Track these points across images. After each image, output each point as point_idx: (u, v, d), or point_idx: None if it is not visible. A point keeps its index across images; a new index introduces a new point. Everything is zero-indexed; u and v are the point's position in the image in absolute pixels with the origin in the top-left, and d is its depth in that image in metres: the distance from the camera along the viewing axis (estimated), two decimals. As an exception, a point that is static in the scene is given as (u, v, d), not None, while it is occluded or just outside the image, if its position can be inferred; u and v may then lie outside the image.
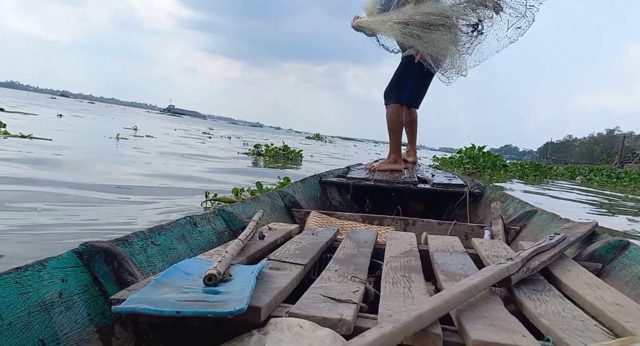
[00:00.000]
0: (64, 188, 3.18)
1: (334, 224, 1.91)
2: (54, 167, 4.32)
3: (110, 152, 6.74)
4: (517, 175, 13.49)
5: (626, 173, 18.55)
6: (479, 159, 12.54)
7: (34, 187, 3.11)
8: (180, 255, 1.19)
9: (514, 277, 0.94)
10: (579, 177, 17.53)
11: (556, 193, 8.63)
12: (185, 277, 0.90)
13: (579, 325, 0.76)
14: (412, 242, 1.41)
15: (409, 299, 0.87)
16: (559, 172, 18.30)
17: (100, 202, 2.93)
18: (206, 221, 1.42)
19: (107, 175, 4.21)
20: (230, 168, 6.23)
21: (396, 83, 3.31)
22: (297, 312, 0.76)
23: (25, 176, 3.50)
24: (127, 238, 1.06)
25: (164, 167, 5.47)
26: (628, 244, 1.19)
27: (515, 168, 14.80)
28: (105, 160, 5.56)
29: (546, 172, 16.29)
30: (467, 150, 13.36)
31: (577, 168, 24.35)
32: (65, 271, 0.86)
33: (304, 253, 1.19)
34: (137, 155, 6.62)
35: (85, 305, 0.86)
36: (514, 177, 12.82)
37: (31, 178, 3.43)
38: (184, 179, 4.54)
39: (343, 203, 2.79)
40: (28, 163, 4.25)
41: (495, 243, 1.42)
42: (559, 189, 10.11)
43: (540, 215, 1.80)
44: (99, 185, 3.51)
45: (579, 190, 10.54)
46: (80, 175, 4.00)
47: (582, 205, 6.75)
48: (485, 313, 0.79)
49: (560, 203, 6.57)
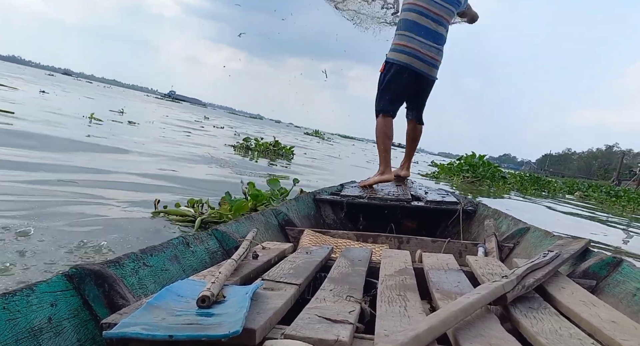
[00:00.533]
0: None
1: (328, 242, 1.90)
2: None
3: (69, 134, 5.95)
4: (516, 188, 13.19)
5: (625, 192, 18.46)
6: (478, 168, 12.36)
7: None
8: (173, 277, 1.17)
9: (509, 295, 0.94)
10: (577, 192, 17.30)
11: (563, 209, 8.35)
12: (178, 299, 0.88)
13: (577, 343, 0.75)
14: (406, 259, 1.40)
15: (405, 318, 0.86)
16: (557, 186, 17.86)
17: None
18: (199, 241, 1.40)
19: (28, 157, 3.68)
20: (208, 167, 5.50)
21: (377, 94, 3.33)
22: (293, 334, 0.75)
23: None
24: (119, 260, 1.04)
25: (118, 161, 4.54)
26: (621, 261, 1.20)
27: (514, 180, 14.48)
28: (54, 144, 4.82)
29: (545, 186, 16.01)
30: (468, 158, 13.19)
31: (575, 183, 24.16)
32: (54, 296, 0.85)
33: (298, 272, 1.18)
34: (100, 141, 5.77)
35: (75, 330, 0.84)
36: (512, 189, 12.53)
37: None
38: (126, 181, 3.65)
39: (337, 221, 2.78)
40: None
41: (489, 260, 1.42)
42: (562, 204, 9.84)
43: (534, 232, 1.81)
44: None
45: (582, 207, 10.31)
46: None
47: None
48: (482, 332, 0.78)
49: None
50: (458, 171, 12.40)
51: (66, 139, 5.49)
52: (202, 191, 3.71)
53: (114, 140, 6.37)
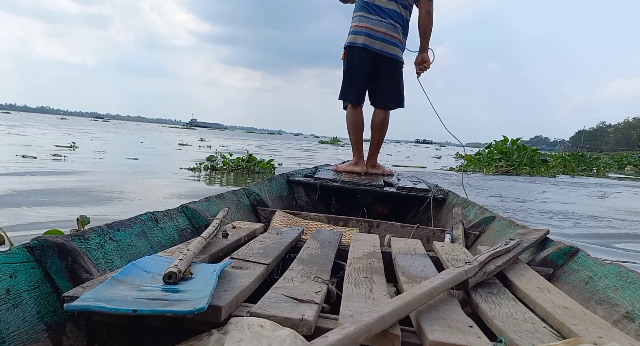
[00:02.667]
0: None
1: (299, 224, 1.91)
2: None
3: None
4: (560, 170, 11.58)
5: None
6: (512, 154, 10.36)
7: None
8: (140, 252, 1.15)
9: (471, 280, 0.97)
10: (628, 167, 15.61)
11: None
12: (144, 275, 0.87)
13: (530, 327, 0.79)
14: (375, 243, 1.43)
15: (370, 300, 0.88)
16: (604, 163, 15.65)
17: None
18: (168, 217, 1.38)
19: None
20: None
21: (341, 84, 3.23)
22: (258, 312, 0.75)
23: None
24: (84, 234, 1.01)
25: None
26: (577, 250, 1.26)
27: (556, 162, 12.70)
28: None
29: (592, 163, 14.13)
30: (498, 144, 11.06)
31: (623, 156, 21.57)
32: (14, 267, 0.82)
33: (268, 252, 1.18)
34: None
35: (35, 302, 0.82)
36: (557, 172, 10.89)
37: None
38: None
39: (309, 203, 2.79)
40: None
41: (455, 247, 1.47)
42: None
43: (499, 221, 1.87)
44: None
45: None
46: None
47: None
48: (443, 315, 0.81)
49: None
50: (489, 161, 10.37)
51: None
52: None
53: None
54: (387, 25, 3.01)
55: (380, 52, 3.02)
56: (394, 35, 3.03)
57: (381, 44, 3.01)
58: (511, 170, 9.69)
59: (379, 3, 3.02)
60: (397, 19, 3.04)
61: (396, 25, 3.03)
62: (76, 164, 6.20)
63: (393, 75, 3.10)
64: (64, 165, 6.04)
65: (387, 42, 3.02)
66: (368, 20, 3.03)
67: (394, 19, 3.03)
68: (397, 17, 3.04)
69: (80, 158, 7.23)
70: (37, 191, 3.67)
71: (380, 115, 3.17)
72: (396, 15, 3.04)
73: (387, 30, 3.01)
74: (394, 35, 3.03)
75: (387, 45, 3.02)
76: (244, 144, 17.95)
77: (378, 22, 3.01)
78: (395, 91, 3.15)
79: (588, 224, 4.00)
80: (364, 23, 3.03)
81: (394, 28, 3.03)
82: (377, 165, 3.30)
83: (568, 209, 4.79)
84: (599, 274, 1.09)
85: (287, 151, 15.31)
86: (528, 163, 10.31)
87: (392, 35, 3.03)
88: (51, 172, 5.11)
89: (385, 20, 3.01)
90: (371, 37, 3.01)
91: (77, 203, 3.35)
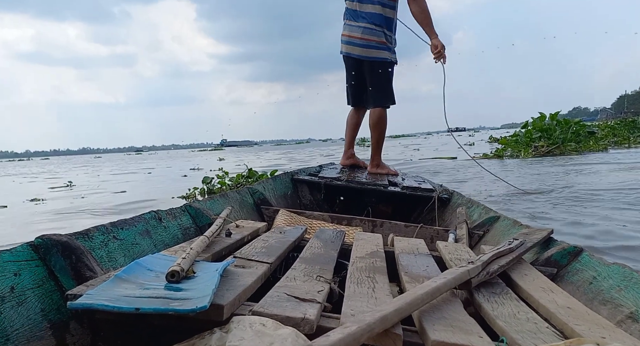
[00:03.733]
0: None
1: (303, 223, 1.91)
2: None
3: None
4: (612, 141, 10.20)
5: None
6: (554, 131, 9.09)
7: None
8: (144, 251, 1.16)
9: (474, 280, 0.97)
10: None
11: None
12: (147, 273, 0.88)
13: (532, 327, 0.79)
14: (378, 243, 1.43)
15: (373, 299, 0.88)
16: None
17: None
18: (172, 216, 1.39)
19: None
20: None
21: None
22: (260, 310, 0.76)
23: None
24: (88, 232, 1.02)
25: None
26: (581, 250, 1.25)
27: (604, 132, 11.14)
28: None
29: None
30: (536, 122, 9.79)
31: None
32: (18, 265, 0.83)
33: (271, 251, 1.18)
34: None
35: (39, 300, 0.82)
36: (607, 144, 9.57)
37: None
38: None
39: (313, 201, 2.79)
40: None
41: (458, 246, 1.46)
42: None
43: (503, 221, 1.87)
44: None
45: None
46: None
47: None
48: (445, 315, 0.81)
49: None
50: (527, 142, 9.14)
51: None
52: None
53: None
54: (364, 30, 3.05)
55: (359, 57, 3.09)
56: (371, 38, 3.07)
57: (360, 50, 3.08)
58: (553, 150, 8.28)
59: (355, 8, 3.10)
60: (377, 21, 3.06)
61: (375, 28, 3.07)
62: (56, 204, 5.65)
63: (374, 76, 3.15)
64: (36, 208, 5.51)
65: (365, 46, 3.08)
66: (348, 27, 3.13)
67: (373, 22, 3.06)
68: (377, 19, 3.06)
69: (64, 198, 6.64)
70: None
71: (372, 115, 3.21)
72: (375, 17, 3.06)
73: (363, 35, 3.07)
74: (371, 38, 3.07)
75: (366, 49, 3.08)
76: (264, 158, 17.24)
77: (356, 28, 3.08)
78: (380, 91, 3.18)
79: None
80: (346, 31, 3.15)
81: (372, 31, 3.07)
82: (381, 164, 3.31)
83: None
84: (603, 274, 1.08)
85: (303, 156, 14.82)
86: (573, 139, 8.96)
87: (370, 39, 3.07)
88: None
89: (362, 25, 3.06)
90: (351, 44, 3.11)
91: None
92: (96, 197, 6.68)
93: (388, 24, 3.09)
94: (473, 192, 4.47)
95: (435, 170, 7.16)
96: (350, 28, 3.11)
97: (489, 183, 4.97)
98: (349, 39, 3.12)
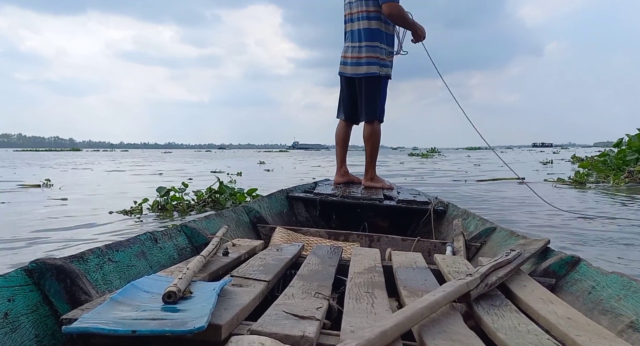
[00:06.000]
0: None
1: (300, 240, 1.90)
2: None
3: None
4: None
5: None
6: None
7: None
8: (139, 273, 1.15)
9: (473, 293, 0.96)
10: None
11: None
12: (144, 295, 0.87)
13: (533, 339, 0.78)
14: (376, 257, 1.42)
15: (372, 315, 0.87)
16: None
17: None
18: (167, 237, 1.38)
19: None
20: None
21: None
22: (259, 329, 0.75)
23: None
24: (82, 255, 1.01)
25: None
26: (579, 260, 1.25)
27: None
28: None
29: None
30: (632, 140, 7.93)
31: None
32: (12, 290, 0.82)
33: (268, 269, 1.18)
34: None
35: (34, 325, 0.81)
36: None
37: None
38: None
39: (309, 218, 2.79)
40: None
41: (456, 259, 1.46)
42: None
43: (499, 232, 1.87)
44: None
45: None
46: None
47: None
48: (445, 328, 0.80)
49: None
50: (618, 164, 7.47)
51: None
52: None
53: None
54: (354, 49, 3.19)
55: (352, 75, 3.22)
56: (360, 56, 3.17)
57: (352, 68, 3.21)
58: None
59: (348, 29, 3.27)
60: (363, 37, 3.15)
61: (362, 45, 3.17)
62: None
63: (363, 91, 3.24)
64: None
65: (356, 64, 3.18)
66: (344, 49, 3.29)
67: (361, 40, 3.16)
68: (364, 34, 3.15)
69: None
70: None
71: (365, 128, 3.28)
72: (363, 33, 3.15)
73: (353, 54, 3.20)
74: (360, 56, 3.17)
75: (357, 67, 3.19)
76: (314, 163, 15.73)
77: (347, 48, 3.24)
78: (370, 105, 3.23)
79: None
80: (342, 52, 3.30)
81: (360, 49, 3.17)
82: (375, 177, 3.33)
83: None
84: (602, 284, 1.08)
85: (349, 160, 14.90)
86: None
87: (358, 57, 3.18)
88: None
89: (352, 45, 3.21)
90: (344, 64, 3.26)
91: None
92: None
93: (375, 36, 3.16)
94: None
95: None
96: (345, 49, 3.29)
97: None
98: (343, 60, 3.28)
